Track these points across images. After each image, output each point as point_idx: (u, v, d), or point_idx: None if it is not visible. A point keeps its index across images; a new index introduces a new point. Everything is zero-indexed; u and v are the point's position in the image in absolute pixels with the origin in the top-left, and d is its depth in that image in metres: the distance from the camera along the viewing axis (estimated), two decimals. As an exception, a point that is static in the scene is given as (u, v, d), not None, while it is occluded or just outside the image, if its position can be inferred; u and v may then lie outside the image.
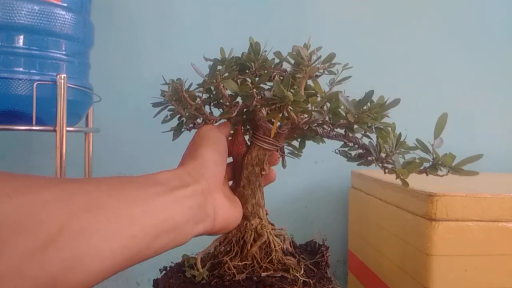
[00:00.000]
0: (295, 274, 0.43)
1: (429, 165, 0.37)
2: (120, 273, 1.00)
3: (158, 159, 0.94)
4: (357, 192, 0.90)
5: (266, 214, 0.48)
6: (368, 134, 0.41)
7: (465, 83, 1.10)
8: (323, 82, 0.44)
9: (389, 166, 0.39)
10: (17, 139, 0.93)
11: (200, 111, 0.45)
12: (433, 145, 0.36)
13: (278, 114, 0.41)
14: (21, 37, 0.64)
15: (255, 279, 0.43)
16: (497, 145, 1.09)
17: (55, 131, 0.65)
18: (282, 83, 0.38)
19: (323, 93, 0.42)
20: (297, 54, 0.39)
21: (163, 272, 0.49)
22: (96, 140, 0.85)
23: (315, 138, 0.47)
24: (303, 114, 0.41)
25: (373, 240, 0.80)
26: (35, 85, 0.64)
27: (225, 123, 0.47)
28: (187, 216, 0.33)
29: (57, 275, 0.24)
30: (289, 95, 0.37)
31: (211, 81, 0.42)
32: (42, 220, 0.24)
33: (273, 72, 0.44)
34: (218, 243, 0.47)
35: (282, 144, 0.48)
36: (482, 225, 0.59)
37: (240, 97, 0.46)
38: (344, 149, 0.44)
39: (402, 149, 0.38)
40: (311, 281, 0.43)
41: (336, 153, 0.45)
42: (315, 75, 0.43)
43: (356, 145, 0.41)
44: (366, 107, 0.37)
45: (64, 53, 0.68)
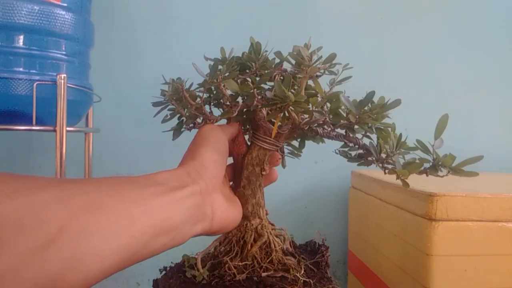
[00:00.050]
0: (296, 274, 0.43)
1: (429, 166, 0.37)
2: (120, 273, 1.00)
3: (158, 159, 0.94)
4: (357, 192, 0.90)
5: (266, 214, 0.48)
6: (368, 134, 0.41)
7: (465, 83, 1.10)
8: (323, 82, 0.44)
9: (390, 166, 0.39)
10: (17, 139, 0.93)
11: (200, 111, 0.45)
12: (434, 145, 0.36)
13: (279, 114, 0.41)
14: (21, 37, 0.64)
15: (256, 279, 0.43)
16: (497, 145, 1.09)
17: (55, 131, 0.65)
18: (283, 83, 0.38)
19: (324, 93, 0.42)
20: (297, 54, 0.39)
21: (163, 272, 0.49)
22: (96, 140, 0.85)
23: (315, 138, 0.47)
24: (303, 114, 0.41)
25: (373, 240, 0.80)
26: (35, 85, 0.64)
27: (232, 123, 0.46)
28: (185, 216, 0.33)
29: (57, 275, 0.24)
30: (290, 95, 0.37)
31: (212, 80, 0.42)
32: (42, 220, 0.24)
33: (274, 72, 0.44)
34: (218, 243, 0.47)
35: (282, 144, 0.48)
36: (482, 225, 0.59)
37: (240, 97, 0.46)
38: (344, 149, 0.44)
39: (402, 149, 0.38)
40: (311, 281, 0.43)
41: (336, 153, 0.45)
42: (316, 75, 0.43)
43: (356, 146, 0.41)
44: (367, 108, 0.37)
45: (64, 53, 0.68)
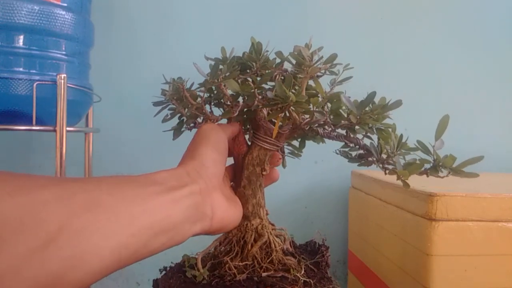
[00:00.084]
0: (296, 274, 0.43)
1: (430, 167, 0.37)
2: (120, 273, 1.00)
3: (158, 159, 0.94)
4: (357, 192, 0.90)
5: (266, 214, 0.48)
6: (369, 135, 0.41)
7: (465, 83, 1.10)
8: (323, 82, 0.44)
9: (390, 167, 0.39)
10: (17, 139, 0.93)
11: (201, 111, 0.45)
12: (434, 146, 0.36)
13: (279, 114, 0.41)
14: (21, 37, 0.63)
15: (256, 279, 0.43)
16: (497, 145, 1.09)
17: (55, 131, 0.65)
18: (284, 83, 0.38)
19: (324, 93, 0.42)
20: (298, 54, 0.39)
21: (163, 272, 0.49)
22: (96, 140, 0.85)
23: (316, 138, 0.47)
24: (304, 114, 0.41)
25: (373, 240, 0.80)
26: (35, 85, 0.63)
27: (233, 123, 0.46)
28: (184, 215, 0.33)
29: (57, 274, 0.24)
30: (291, 95, 0.37)
31: (212, 80, 0.42)
32: (42, 219, 0.24)
33: (275, 72, 0.44)
34: (218, 243, 0.47)
35: (283, 144, 0.48)
36: (482, 225, 0.59)
37: (241, 97, 0.46)
38: (345, 150, 0.44)
39: (403, 150, 0.38)
40: (311, 281, 0.43)
41: (336, 154, 0.45)
42: (317, 75, 0.43)
43: (357, 146, 0.41)
44: (368, 108, 0.37)
45: (64, 53, 0.68)
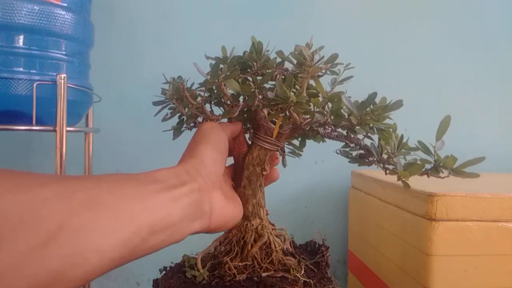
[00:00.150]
0: (296, 274, 0.43)
1: (430, 167, 0.37)
2: (120, 273, 1.00)
3: (158, 158, 0.94)
4: (357, 192, 0.90)
5: (266, 214, 0.48)
6: (369, 135, 0.41)
7: (465, 83, 1.10)
8: (324, 81, 0.44)
9: (391, 167, 0.38)
10: (17, 139, 0.92)
11: (201, 110, 0.45)
12: (435, 147, 0.36)
13: (280, 114, 0.41)
14: (21, 37, 0.63)
15: (256, 279, 0.43)
16: (497, 145, 1.09)
17: (55, 131, 0.65)
18: (284, 84, 0.38)
19: (325, 93, 0.42)
20: (299, 54, 0.39)
21: (163, 272, 0.49)
22: (96, 140, 0.85)
23: (316, 137, 0.47)
24: (305, 114, 0.41)
25: (373, 240, 0.80)
26: (35, 85, 0.63)
27: (234, 122, 0.46)
28: (183, 213, 0.33)
29: (57, 272, 0.24)
30: (292, 96, 0.37)
31: (213, 80, 0.42)
32: (42, 217, 0.24)
33: (275, 71, 0.44)
34: (218, 243, 0.47)
35: (283, 144, 0.48)
36: (482, 225, 0.59)
37: (242, 96, 0.46)
38: (345, 149, 0.44)
39: (403, 150, 0.38)
40: (311, 281, 0.43)
41: (337, 154, 0.45)
42: (317, 75, 0.43)
43: (357, 146, 0.41)
44: (368, 109, 0.37)
45: (64, 53, 0.68)
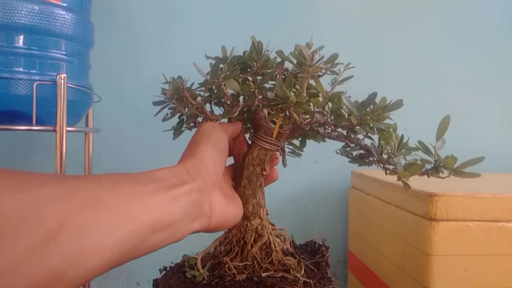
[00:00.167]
0: (296, 274, 0.43)
1: (430, 167, 0.37)
2: (120, 273, 0.99)
3: (158, 159, 0.94)
4: (357, 192, 0.90)
5: (266, 214, 0.48)
6: (369, 135, 0.41)
7: (465, 83, 1.10)
8: (324, 81, 0.44)
9: (391, 167, 0.38)
10: (17, 139, 0.93)
11: (201, 111, 0.45)
12: (435, 147, 0.36)
13: (280, 114, 0.41)
14: (21, 37, 0.63)
15: (256, 279, 0.43)
16: (497, 145, 1.09)
17: (55, 131, 0.65)
18: (284, 84, 0.38)
19: (325, 93, 0.42)
20: (299, 53, 0.39)
21: (163, 272, 0.49)
22: (96, 140, 0.85)
23: (316, 137, 0.47)
24: (305, 114, 0.41)
25: (373, 240, 0.80)
26: (35, 85, 0.63)
27: (234, 122, 0.46)
28: (183, 213, 0.33)
29: (58, 271, 0.24)
30: (292, 96, 0.37)
31: (213, 80, 0.42)
32: (42, 216, 0.24)
33: (275, 71, 0.44)
34: (218, 243, 0.47)
35: (283, 144, 0.48)
36: (482, 225, 0.59)
37: (242, 96, 0.46)
38: (346, 149, 0.44)
39: (404, 150, 0.38)
40: (311, 281, 0.43)
41: (337, 153, 0.45)
42: (317, 75, 0.43)
43: (357, 146, 0.41)
44: (368, 109, 0.37)
45: (64, 53, 0.68)
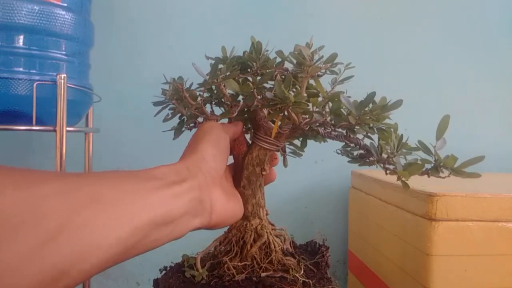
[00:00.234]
0: (295, 274, 0.43)
1: (430, 167, 0.37)
2: (120, 273, 1.00)
3: (158, 158, 0.93)
4: (357, 192, 0.90)
5: (266, 214, 0.48)
6: (369, 135, 0.41)
7: (465, 83, 1.10)
8: (324, 81, 0.44)
9: (391, 167, 0.38)
10: (17, 139, 0.93)
11: (201, 111, 0.45)
12: (435, 147, 0.36)
13: (279, 114, 0.41)
14: (21, 37, 0.63)
15: (255, 279, 0.43)
16: (497, 145, 1.09)
17: (55, 131, 0.65)
18: (283, 84, 0.38)
19: (325, 93, 0.42)
20: (299, 53, 0.39)
21: (163, 272, 0.49)
22: (96, 140, 0.85)
23: (317, 137, 0.47)
24: (304, 114, 0.41)
25: (373, 240, 0.80)
26: (35, 85, 0.63)
27: (235, 122, 0.46)
28: (184, 210, 0.33)
29: (58, 270, 0.24)
30: (290, 96, 0.37)
31: (212, 80, 0.42)
32: (42, 214, 0.24)
33: (275, 71, 0.44)
34: (218, 243, 0.47)
35: (283, 144, 0.48)
36: (482, 225, 0.59)
37: (241, 96, 0.46)
38: (346, 149, 0.44)
39: (403, 149, 0.38)
40: (310, 281, 0.43)
41: (337, 153, 0.45)
42: (317, 74, 0.43)
43: (357, 146, 0.41)
44: (367, 109, 0.37)
45: (64, 53, 0.68)
